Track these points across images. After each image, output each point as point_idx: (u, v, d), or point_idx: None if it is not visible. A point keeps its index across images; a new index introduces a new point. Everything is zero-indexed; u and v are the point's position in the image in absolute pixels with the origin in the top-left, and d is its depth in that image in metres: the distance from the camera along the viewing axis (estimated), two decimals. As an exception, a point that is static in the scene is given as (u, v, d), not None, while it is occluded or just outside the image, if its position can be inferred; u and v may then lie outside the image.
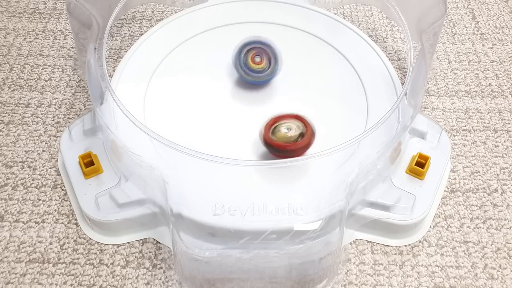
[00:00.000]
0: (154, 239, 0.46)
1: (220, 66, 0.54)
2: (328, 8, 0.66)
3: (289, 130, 0.44)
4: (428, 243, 0.46)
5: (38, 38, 0.64)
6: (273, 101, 0.51)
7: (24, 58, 0.62)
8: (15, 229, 0.46)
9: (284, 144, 0.44)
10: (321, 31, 0.58)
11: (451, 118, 0.56)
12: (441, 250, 0.46)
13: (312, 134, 0.44)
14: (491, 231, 0.47)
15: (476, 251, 0.46)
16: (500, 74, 0.61)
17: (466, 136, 0.55)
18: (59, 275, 0.43)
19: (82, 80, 0.59)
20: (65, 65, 0.61)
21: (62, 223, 0.47)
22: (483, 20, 0.68)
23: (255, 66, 0.50)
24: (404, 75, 0.60)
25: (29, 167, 0.51)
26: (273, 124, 0.45)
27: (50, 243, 0.46)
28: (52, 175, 0.50)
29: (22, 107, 0.56)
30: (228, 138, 0.49)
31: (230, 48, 0.52)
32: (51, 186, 0.49)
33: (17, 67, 0.61)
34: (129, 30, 0.65)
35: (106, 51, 0.62)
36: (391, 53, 0.63)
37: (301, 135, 0.44)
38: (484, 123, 0.56)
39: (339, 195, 0.42)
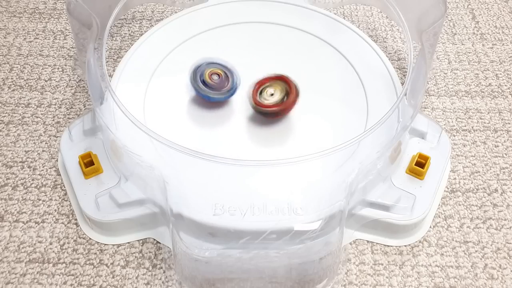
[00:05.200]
0: (154, 239, 0.46)
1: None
2: (328, 8, 0.66)
3: (272, 95, 0.48)
4: (428, 243, 0.46)
5: (38, 38, 0.64)
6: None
7: (24, 58, 0.62)
8: (15, 229, 0.46)
9: (271, 106, 0.48)
10: (321, 31, 0.58)
11: (451, 118, 0.56)
12: (441, 250, 0.46)
13: (296, 94, 0.48)
14: (491, 231, 0.47)
15: (476, 251, 0.46)
16: (500, 74, 0.61)
17: (466, 136, 0.55)
18: (59, 275, 0.43)
19: (82, 80, 0.59)
20: (65, 65, 0.61)
21: (62, 223, 0.47)
22: (483, 20, 0.68)
23: (213, 84, 0.50)
24: (404, 75, 0.60)
25: (29, 167, 0.51)
26: (259, 88, 0.49)
27: (50, 243, 0.46)
28: (52, 175, 0.50)
29: (22, 107, 0.56)
30: (228, 138, 0.49)
31: (230, 48, 0.52)
32: (51, 186, 0.50)
33: (17, 67, 0.61)
34: (129, 30, 0.65)
35: (106, 51, 0.62)
36: (391, 53, 0.63)
37: (287, 95, 0.48)
38: (484, 123, 0.56)
39: (339, 195, 0.42)
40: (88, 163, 0.47)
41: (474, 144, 0.54)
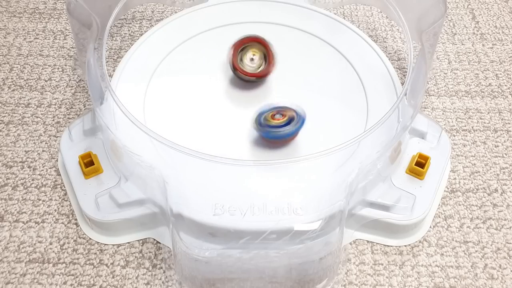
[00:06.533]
0: (154, 239, 0.46)
1: (220, 66, 0.54)
2: (328, 8, 0.66)
3: (252, 60, 0.51)
4: (428, 243, 0.46)
5: (38, 38, 0.64)
6: (273, 101, 0.51)
7: (24, 58, 0.62)
8: (15, 229, 0.46)
9: (251, 73, 0.51)
10: (321, 31, 0.58)
11: (451, 118, 0.56)
12: (441, 250, 0.46)
13: (273, 59, 0.51)
14: (491, 231, 0.47)
15: (476, 251, 0.46)
16: (500, 74, 0.61)
17: (466, 136, 0.55)
18: (59, 275, 0.43)
19: (82, 80, 0.59)
20: (65, 65, 0.61)
21: (62, 223, 0.47)
22: (483, 20, 0.68)
23: (276, 122, 0.46)
24: (404, 75, 0.60)
25: (29, 167, 0.51)
26: (239, 47, 0.51)
27: (50, 243, 0.46)
28: (52, 175, 0.50)
29: (22, 107, 0.56)
30: (228, 138, 0.49)
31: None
32: (51, 186, 0.49)
33: (17, 67, 0.61)
34: (129, 30, 0.65)
35: (106, 51, 0.62)
36: (391, 53, 0.63)
37: (264, 59, 0.52)
38: (484, 123, 0.56)
39: (339, 195, 0.42)
40: (88, 163, 0.47)
41: (474, 144, 0.54)
